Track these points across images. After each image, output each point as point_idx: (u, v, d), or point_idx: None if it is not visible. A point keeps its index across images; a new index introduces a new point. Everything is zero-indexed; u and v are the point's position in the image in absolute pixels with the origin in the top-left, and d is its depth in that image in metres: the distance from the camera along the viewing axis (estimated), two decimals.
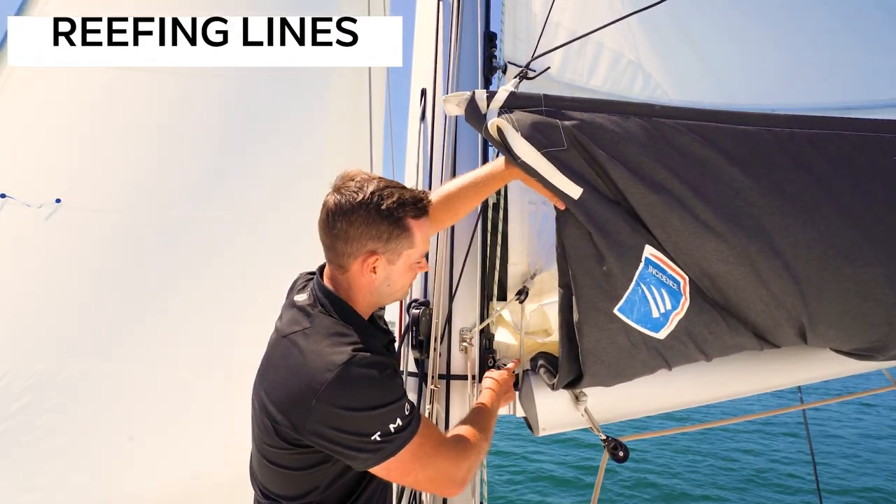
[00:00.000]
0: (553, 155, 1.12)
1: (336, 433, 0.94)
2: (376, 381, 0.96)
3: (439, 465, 1.03)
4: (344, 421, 0.94)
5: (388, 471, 1.00)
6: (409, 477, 1.03)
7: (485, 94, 1.19)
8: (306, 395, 0.93)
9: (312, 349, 0.98)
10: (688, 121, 1.17)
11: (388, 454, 0.97)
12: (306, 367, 0.96)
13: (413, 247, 1.07)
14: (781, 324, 1.20)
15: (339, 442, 0.95)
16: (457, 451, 1.07)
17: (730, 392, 1.44)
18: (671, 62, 1.78)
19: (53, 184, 2.10)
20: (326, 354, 0.96)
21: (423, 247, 1.10)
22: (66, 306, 2.09)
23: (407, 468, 1.00)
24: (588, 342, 1.17)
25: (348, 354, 0.95)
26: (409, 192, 1.06)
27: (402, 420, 0.98)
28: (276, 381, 1.01)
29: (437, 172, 1.61)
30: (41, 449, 1.96)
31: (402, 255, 1.06)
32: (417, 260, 1.10)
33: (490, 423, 1.22)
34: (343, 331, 1.01)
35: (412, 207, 1.05)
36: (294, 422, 0.95)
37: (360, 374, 0.95)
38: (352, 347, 0.97)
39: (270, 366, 1.06)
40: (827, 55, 1.79)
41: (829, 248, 1.16)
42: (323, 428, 0.94)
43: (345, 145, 2.59)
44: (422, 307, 1.50)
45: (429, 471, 1.02)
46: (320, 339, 0.99)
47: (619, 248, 1.14)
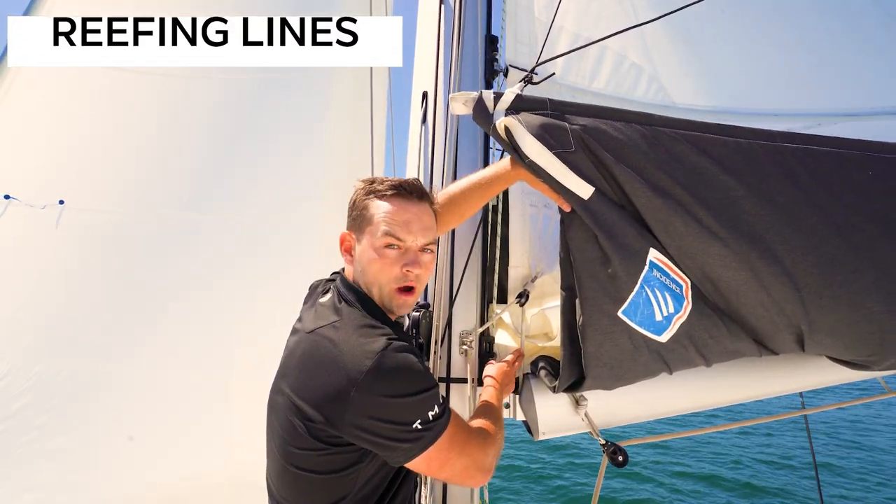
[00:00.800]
0: (562, 156, 1.13)
1: (378, 423, 0.92)
2: (414, 366, 0.96)
3: (471, 452, 1.03)
4: (386, 409, 0.92)
5: (429, 461, 0.98)
6: (447, 467, 1.01)
7: (492, 94, 1.20)
8: (345, 386, 0.91)
9: (346, 340, 0.97)
10: (682, 130, 1.19)
11: (428, 442, 0.96)
12: (341, 358, 0.94)
13: (371, 224, 1.07)
14: (781, 330, 1.21)
15: (380, 433, 0.93)
16: (484, 438, 1.08)
17: (729, 398, 1.44)
18: (674, 65, 1.78)
19: (56, 185, 2.10)
20: (362, 344, 0.95)
21: (384, 226, 1.05)
22: (67, 307, 2.09)
23: (444, 457, 0.99)
24: (591, 344, 1.17)
25: (384, 342, 0.95)
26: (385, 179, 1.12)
27: (439, 407, 0.97)
28: (306, 377, 0.98)
29: (438, 175, 1.61)
30: (41, 449, 1.97)
31: (365, 233, 1.08)
32: (387, 241, 1.05)
33: (499, 415, 1.22)
34: (373, 322, 1.01)
35: (375, 189, 1.10)
36: (332, 416, 0.92)
37: (398, 361, 0.94)
38: (385, 336, 0.97)
39: (295, 364, 1.02)
40: (829, 60, 1.79)
41: (820, 256, 1.18)
42: (364, 419, 0.92)
43: (346, 147, 2.59)
44: (422, 310, 1.50)
45: (463, 459, 1.02)
46: (353, 331, 0.98)
47: (625, 251, 1.15)
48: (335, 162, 2.52)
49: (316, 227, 2.42)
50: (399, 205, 1.07)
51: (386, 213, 1.06)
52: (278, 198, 2.42)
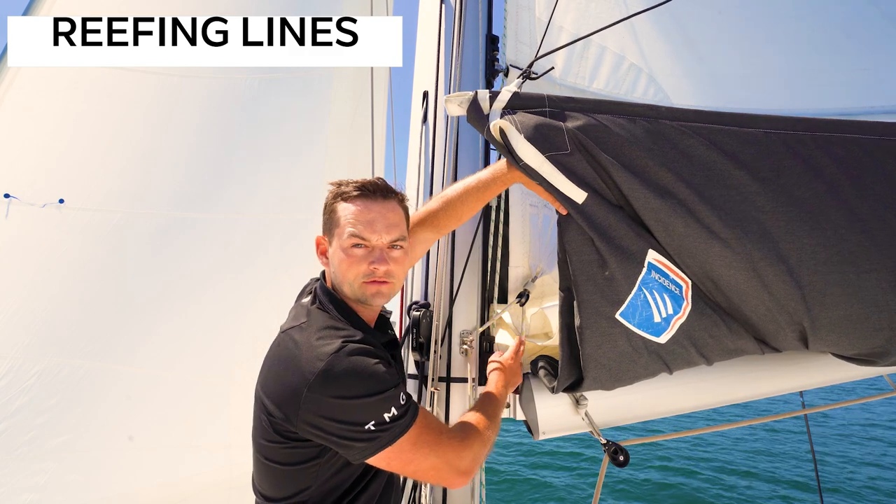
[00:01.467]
0: (556, 159, 1.12)
1: (329, 423, 0.95)
2: (366, 369, 0.97)
3: (441, 453, 1.03)
4: (336, 410, 0.95)
5: (388, 460, 1.00)
6: (410, 466, 1.02)
7: (487, 94, 1.18)
8: (298, 385, 0.95)
9: (306, 342, 1.00)
10: (693, 123, 1.16)
11: (385, 443, 0.97)
12: (299, 358, 0.98)
13: (338, 226, 1.10)
14: (783, 328, 1.20)
15: (333, 432, 0.95)
16: (460, 440, 1.07)
17: (730, 397, 1.44)
18: (673, 65, 1.78)
19: (56, 184, 2.10)
20: (318, 346, 0.98)
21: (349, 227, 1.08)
22: (66, 306, 2.09)
23: (407, 457, 1.00)
24: (589, 346, 1.17)
25: (339, 345, 0.98)
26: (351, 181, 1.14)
27: (398, 409, 0.98)
28: (271, 374, 1.04)
29: (439, 175, 1.61)
30: (41, 448, 1.96)
31: (334, 235, 1.11)
32: (353, 242, 1.08)
33: (497, 411, 1.21)
34: (336, 324, 1.05)
35: (341, 192, 1.12)
36: (288, 413, 0.96)
37: (349, 363, 0.96)
38: (342, 339, 0.99)
39: (268, 361, 1.07)
40: (828, 60, 1.79)
41: (834, 254, 1.15)
42: (316, 418, 0.95)
43: (346, 147, 2.59)
44: (422, 309, 1.50)
45: (430, 459, 1.02)
46: (314, 332, 1.02)
47: (622, 253, 1.14)
48: (335, 162, 2.52)
49: (316, 227, 2.41)
50: (363, 205, 1.10)
51: (351, 213, 1.10)
52: (278, 198, 2.42)
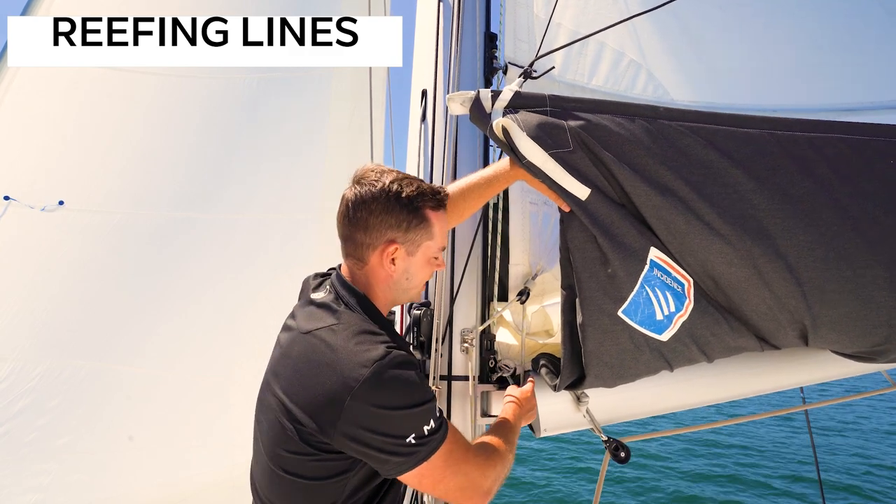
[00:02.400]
0: (559, 156, 1.12)
1: (370, 435, 0.89)
2: (411, 379, 0.93)
3: (468, 472, 0.99)
4: (379, 421, 0.90)
5: (421, 477, 0.95)
6: (441, 485, 0.98)
7: (489, 93, 1.18)
8: (340, 393, 0.88)
9: (343, 346, 0.93)
10: (691, 123, 1.17)
11: (422, 458, 0.93)
12: (338, 364, 0.91)
13: (432, 238, 1.05)
14: (783, 326, 1.20)
15: (372, 444, 0.90)
16: (485, 459, 1.03)
17: (731, 393, 1.44)
18: (673, 62, 1.78)
19: (56, 186, 2.10)
20: (360, 352, 0.92)
21: (442, 240, 1.09)
22: (67, 308, 2.09)
23: (439, 475, 0.96)
24: (591, 344, 1.17)
25: (383, 351, 0.92)
26: (427, 184, 1.07)
27: (435, 422, 0.94)
28: (299, 380, 0.95)
29: (438, 173, 1.60)
30: (43, 449, 1.97)
31: (420, 246, 1.05)
32: (435, 254, 1.08)
33: (513, 437, 1.17)
34: (373, 329, 0.98)
35: (431, 198, 1.04)
36: (323, 423, 0.90)
37: (396, 372, 0.91)
38: (385, 345, 0.94)
39: (289, 365, 0.99)
40: (829, 56, 1.79)
41: (829, 251, 1.16)
42: (356, 429, 0.89)
43: (346, 146, 2.59)
44: (423, 308, 1.50)
45: (459, 478, 0.98)
46: (351, 336, 0.95)
47: (624, 251, 1.14)
48: (335, 161, 2.52)
49: (316, 227, 2.42)
50: (444, 215, 1.10)
51: (443, 226, 1.08)
52: (278, 198, 2.42)
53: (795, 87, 1.77)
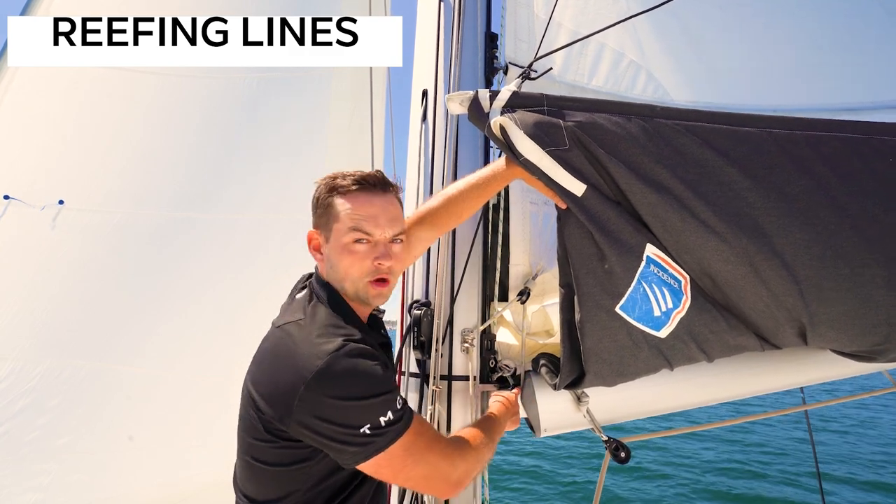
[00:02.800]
0: (556, 154, 1.13)
1: (324, 424, 0.91)
2: (367, 371, 0.94)
3: (434, 461, 1.00)
4: (332, 411, 0.91)
5: (378, 467, 0.96)
6: (402, 474, 0.99)
7: (488, 93, 1.19)
8: (295, 383, 0.91)
9: (304, 338, 0.97)
10: (687, 122, 1.18)
11: (378, 448, 0.93)
12: (296, 356, 0.94)
13: (338, 220, 1.05)
14: (782, 324, 1.20)
15: (327, 434, 0.91)
16: (454, 450, 1.04)
17: (731, 393, 1.44)
18: (673, 62, 1.78)
19: (56, 185, 2.11)
20: (319, 344, 0.94)
21: (351, 221, 1.04)
22: (67, 307, 2.09)
23: (398, 464, 0.96)
24: (590, 341, 1.17)
25: (339, 343, 0.94)
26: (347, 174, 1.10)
27: (394, 413, 0.94)
28: (264, 370, 1.00)
29: (439, 173, 1.61)
30: (42, 449, 1.97)
31: (332, 231, 1.06)
32: (352, 237, 1.04)
33: (495, 433, 1.19)
34: (337, 322, 1.01)
35: (338, 186, 1.07)
36: (280, 412, 0.93)
37: (350, 364, 0.93)
38: (343, 337, 0.96)
39: (259, 357, 1.04)
40: (829, 56, 1.79)
41: (827, 249, 1.16)
42: (310, 418, 0.91)
43: (346, 146, 2.59)
44: (423, 308, 1.50)
45: (421, 467, 0.99)
46: (314, 330, 0.98)
47: (621, 247, 1.15)
48: (335, 161, 2.52)
49: None
50: (364, 199, 1.06)
51: (351, 208, 1.05)
52: (278, 198, 2.42)
53: (795, 87, 1.77)
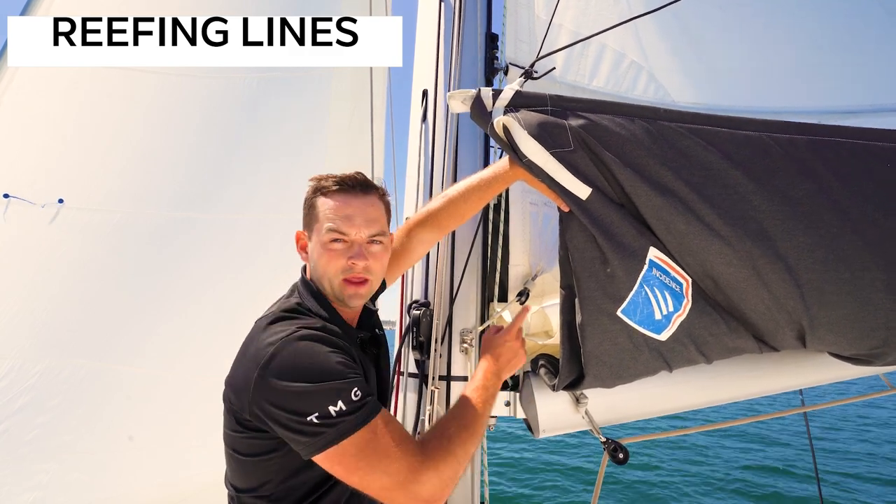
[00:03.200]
0: (560, 155, 1.12)
1: (275, 410, 0.90)
2: (314, 356, 0.92)
3: (395, 471, 0.87)
4: (281, 396, 0.90)
5: (331, 463, 0.89)
6: (354, 476, 0.88)
7: (490, 91, 1.18)
8: (251, 369, 0.93)
9: (265, 328, 0.99)
10: (690, 125, 1.18)
11: (329, 441, 0.87)
12: (256, 344, 0.97)
13: (318, 220, 1.09)
14: (782, 327, 1.20)
15: (279, 420, 0.90)
16: (423, 460, 0.89)
17: (729, 395, 1.44)
18: (674, 63, 1.78)
19: (56, 184, 2.11)
20: (274, 332, 0.96)
21: (328, 221, 1.06)
22: (67, 306, 2.09)
23: (350, 464, 0.87)
24: (590, 343, 1.17)
25: (292, 330, 0.95)
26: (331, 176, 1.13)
27: (346, 404, 0.88)
28: (235, 362, 1.02)
29: (439, 173, 1.61)
30: (42, 448, 1.97)
31: (313, 230, 1.10)
32: (331, 236, 1.06)
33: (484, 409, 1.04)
34: (299, 312, 1.03)
35: (321, 187, 1.11)
36: (242, 400, 0.95)
37: (296, 348, 0.93)
38: (300, 325, 0.97)
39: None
40: (830, 58, 1.79)
41: (829, 252, 1.16)
42: (264, 404, 0.91)
43: (346, 146, 2.59)
44: (422, 308, 1.50)
45: (377, 475, 0.87)
46: (277, 320, 1.01)
47: (624, 251, 1.14)
48: (335, 161, 2.52)
49: None
50: (342, 199, 1.09)
51: (329, 208, 1.08)
52: (278, 198, 2.42)
53: (796, 89, 1.77)
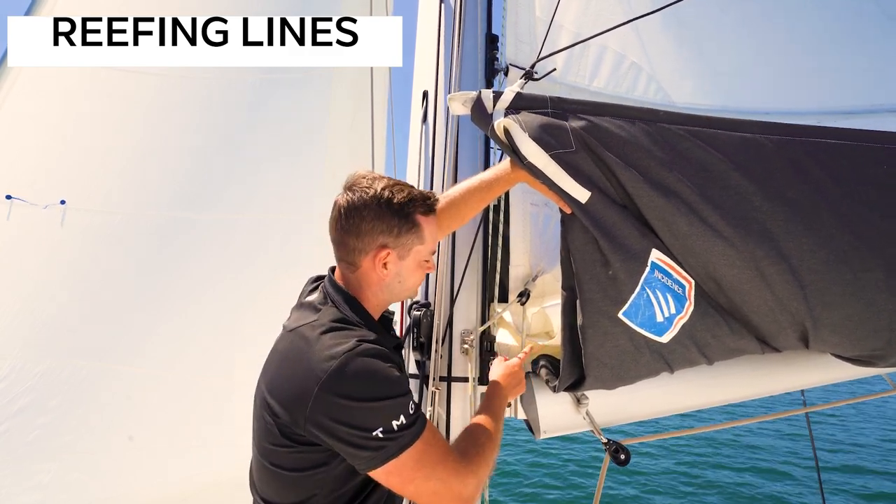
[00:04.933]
0: (561, 157, 1.12)
1: (337, 426, 0.90)
2: (380, 372, 0.93)
3: (444, 477, 0.95)
4: (345, 412, 0.90)
5: (388, 475, 0.94)
6: (411, 486, 0.95)
7: (491, 93, 1.18)
8: (308, 385, 0.91)
9: (317, 339, 0.96)
10: (689, 127, 1.18)
11: (391, 454, 0.92)
12: (310, 357, 0.94)
13: (423, 243, 1.08)
14: (784, 328, 1.20)
15: (340, 436, 0.91)
16: (465, 465, 0.98)
17: (731, 396, 1.44)
18: (673, 65, 1.78)
19: (58, 185, 2.10)
20: (331, 346, 0.94)
21: (432, 244, 1.12)
22: (68, 307, 2.09)
23: (408, 475, 0.94)
24: (591, 346, 1.17)
25: (353, 344, 0.94)
26: (417, 190, 1.10)
27: (406, 418, 0.93)
28: (278, 374, 0.99)
29: (439, 174, 1.61)
30: (42, 449, 1.97)
31: (412, 250, 1.08)
32: (426, 257, 1.11)
33: (498, 426, 1.15)
34: (349, 322, 1.01)
35: (422, 204, 1.07)
36: (295, 414, 0.92)
37: (364, 364, 0.92)
38: (358, 338, 0.95)
39: (273, 360, 1.04)
40: (828, 59, 1.79)
41: (830, 253, 1.16)
42: (325, 420, 0.90)
43: (346, 147, 2.59)
44: (423, 309, 1.50)
45: (432, 482, 0.95)
46: (327, 331, 0.97)
47: (625, 253, 1.14)
48: (336, 162, 2.52)
49: (316, 227, 2.41)
50: (434, 221, 1.12)
51: (434, 229, 1.11)
52: (279, 198, 2.42)
53: (795, 90, 1.78)
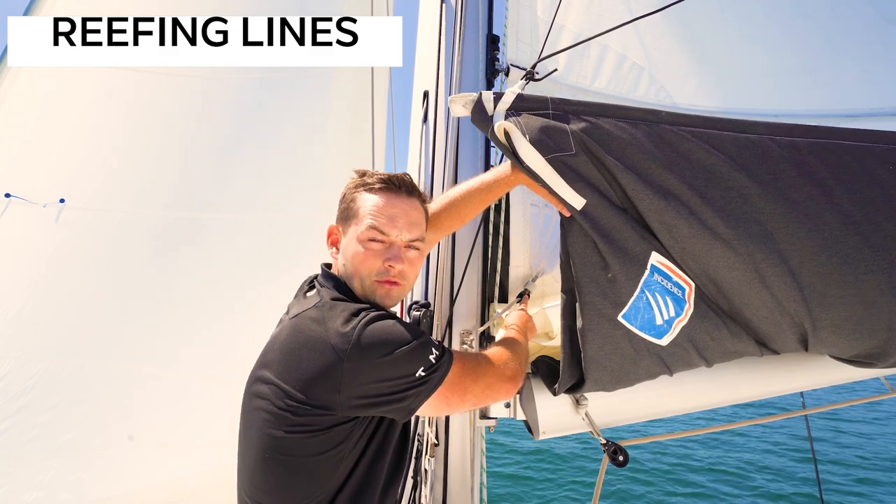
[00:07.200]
0: (561, 160, 1.12)
1: (380, 385, 0.93)
2: (395, 326, 0.97)
3: (487, 370, 1.08)
4: (383, 370, 0.93)
5: (445, 398, 1.01)
6: (468, 396, 1.05)
7: (492, 95, 1.18)
8: (333, 364, 0.91)
9: (327, 317, 0.97)
10: (692, 128, 1.17)
11: (437, 382, 0.98)
12: (325, 338, 0.94)
13: (357, 217, 1.08)
14: (784, 330, 1.20)
15: (386, 392, 0.94)
16: (496, 354, 1.13)
17: (729, 397, 1.44)
18: (675, 65, 1.77)
19: (57, 184, 2.11)
20: (342, 322, 0.95)
21: (370, 219, 1.06)
22: (67, 306, 2.09)
23: (460, 388, 1.03)
24: (591, 348, 1.17)
25: (361, 315, 0.96)
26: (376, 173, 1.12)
27: (437, 349, 1.00)
28: (291, 360, 0.96)
29: (439, 174, 1.61)
30: (42, 448, 1.97)
31: (349, 226, 1.10)
32: (368, 236, 1.06)
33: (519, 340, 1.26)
34: (349, 301, 1.04)
35: (365, 182, 1.11)
36: (322, 396, 0.91)
37: (379, 326, 0.96)
38: (360, 308, 0.99)
39: (278, 350, 1.00)
40: (831, 62, 1.78)
41: (832, 255, 1.16)
42: (364, 387, 0.92)
43: (346, 147, 2.59)
44: (423, 309, 1.50)
45: (481, 380, 1.06)
46: (333, 312, 0.98)
47: (625, 256, 1.14)
48: (336, 162, 2.52)
49: (317, 227, 2.41)
50: (387, 199, 1.08)
51: (373, 206, 1.07)
52: (279, 197, 2.42)
53: (798, 91, 1.77)
